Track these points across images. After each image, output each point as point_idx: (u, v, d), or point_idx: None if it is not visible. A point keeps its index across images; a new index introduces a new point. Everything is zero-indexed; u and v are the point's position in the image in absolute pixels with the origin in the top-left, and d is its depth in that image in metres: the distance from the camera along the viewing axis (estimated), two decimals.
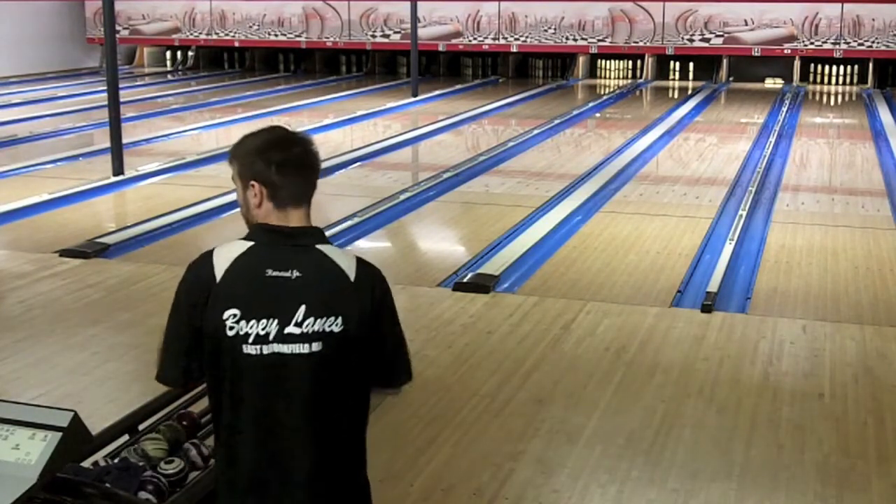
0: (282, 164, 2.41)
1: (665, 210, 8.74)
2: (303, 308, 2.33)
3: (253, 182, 2.40)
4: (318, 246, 2.42)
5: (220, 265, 2.36)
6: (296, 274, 2.35)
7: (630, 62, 20.82)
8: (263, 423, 2.38)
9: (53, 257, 7.18)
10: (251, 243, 2.39)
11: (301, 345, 2.33)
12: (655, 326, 5.73)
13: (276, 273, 2.34)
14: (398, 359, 2.54)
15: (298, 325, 2.33)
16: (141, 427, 3.67)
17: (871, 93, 18.11)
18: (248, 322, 2.33)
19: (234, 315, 2.33)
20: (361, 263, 2.45)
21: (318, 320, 2.34)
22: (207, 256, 2.39)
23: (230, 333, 2.33)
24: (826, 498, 3.82)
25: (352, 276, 2.40)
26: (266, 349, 2.33)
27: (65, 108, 15.63)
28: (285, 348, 2.33)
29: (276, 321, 2.33)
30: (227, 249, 2.38)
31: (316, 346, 2.34)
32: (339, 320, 2.35)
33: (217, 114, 14.99)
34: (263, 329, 2.33)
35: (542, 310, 6.01)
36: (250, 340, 2.33)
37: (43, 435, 2.39)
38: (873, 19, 18.83)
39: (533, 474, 3.98)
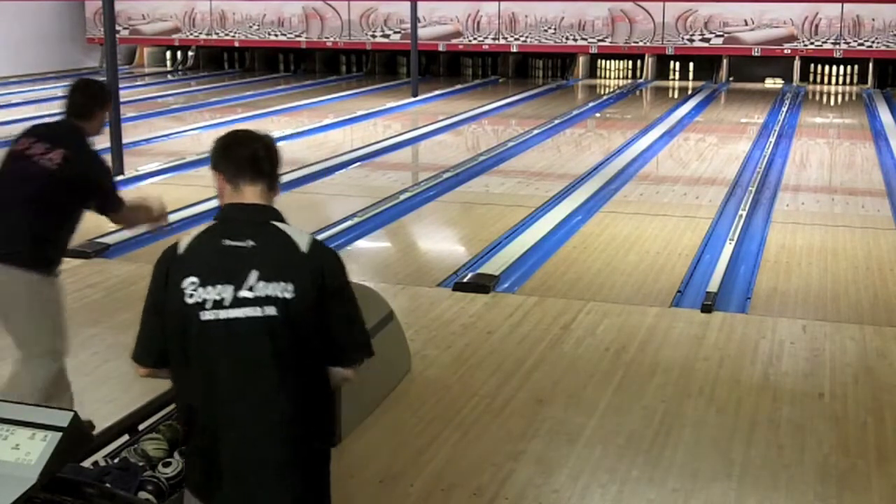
0: (229, 147, 2.62)
1: (665, 210, 8.74)
2: (255, 273, 2.47)
3: (213, 170, 2.62)
4: (275, 222, 2.57)
5: (184, 242, 2.56)
6: (251, 243, 2.50)
7: (630, 62, 20.82)
8: (223, 389, 2.48)
9: None
10: (215, 222, 2.59)
11: (254, 308, 2.45)
12: (655, 326, 5.73)
13: (232, 243, 2.50)
14: (350, 337, 2.60)
15: (251, 289, 2.46)
16: (141, 427, 3.67)
17: (871, 93, 18.11)
18: (205, 288, 2.47)
19: (193, 283, 2.48)
20: (315, 241, 2.58)
21: (270, 284, 2.46)
22: (176, 240, 2.60)
23: (189, 301, 2.47)
24: (826, 498, 3.82)
25: (304, 249, 2.52)
26: (223, 314, 2.46)
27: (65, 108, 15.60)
28: (240, 312, 2.46)
29: (230, 287, 2.46)
30: (195, 230, 2.59)
31: (269, 311, 2.46)
32: (291, 287, 2.47)
33: (217, 114, 14.99)
34: (219, 295, 2.46)
35: (542, 310, 6.01)
36: (207, 307, 2.46)
37: (43, 435, 2.39)
38: (873, 19, 18.83)
39: (533, 474, 3.98)
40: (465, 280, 6.53)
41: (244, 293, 2.46)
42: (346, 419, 4.25)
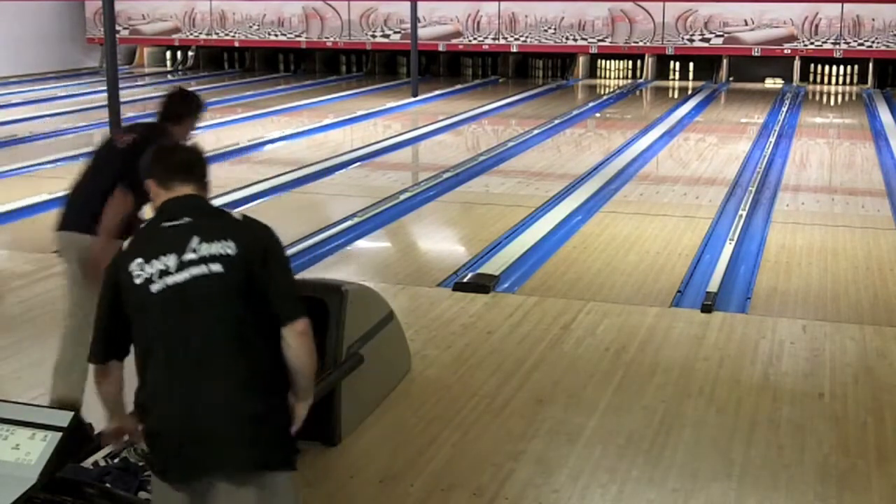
0: (159, 154, 2.84)
1: (665, 210, 8.74)
2: (196, 238, 2.66)
3: (147, 179, 2.83)
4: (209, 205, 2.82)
5: (127, 240, 2.77)
6: (187, 219, 2.70)
7: (630, 62, 20.82)
8: (180, 357, 2.61)
9: (53, 257, 7.14)
10: (153, 216, 2.82)
11: (200, 267, 2.62)
12: (655, 326, 5.73)
13: (170, 223, 2.70)
14: (286, 298, 2.73)
15: (194, 251, 2.64)
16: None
17: (871, 93, 18.11)
18: (150, 264, 2.64)
19: (139, 263, 2.66)
20: (247, 215, 2.83)
21: (213, 244, 2.65)
22: None
23: (138, 282, 2.64)
24: (826, 498, 3.82)
25: (239, 218, 2.77)
26: (170, 280, 2.62)
27: (65, 108, 15.63)
28: (186, 274, 2.62)
29: (174, 255, 2.64)
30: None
31: (215, 267, 2.62)
32: (233, 244, 2.66)
33: (217, 114, 14.98)
34: (164, 265, 2.63)
35: (542, 310, 6.01)
36: (155, 279, 2.63)
37: (43, 435, 2.40)
38: (873, 19, 18.83)
39: (533, 474, 3.98)
40: (465, 280, 6.53)
41: (188, 256, 2.63)
42: (346, 419, 4.25)
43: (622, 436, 4.32)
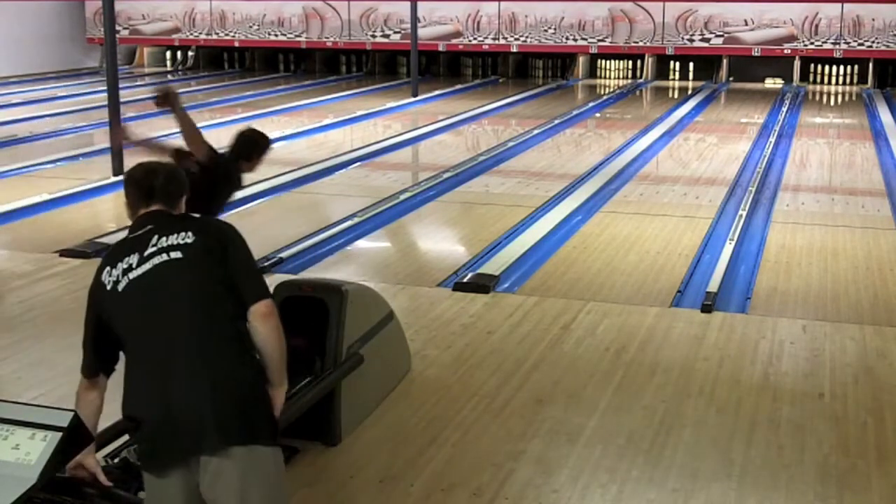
0: (127, 181, 3.02)
1: (665, 210, 8.74)
2: (156, 236, 2.83)
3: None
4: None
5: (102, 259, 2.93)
6: (150, 227, 2.88)
7: (630, 62, 20.82)
8: (153, 342, 2.71)
9: (53, 257, 7.18)
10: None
11: (160, 255, 2.78)
12: (655, 326, 5.73)
13: (134, 234, 2.89)
14: (247, 281, 2.83)
15: (154, 245, 2.80)
16: None
17: (871, 93, 18.11)
18: (115, 267, 2.81)
19: (107, 271, 2.83)
20: (211, 217, 3.09)
21: (171, 236, 2.81)
22: None
23: (109, 287, 2.79)
24: (826, 498, 3.82)
25: (197, 216, 2.96)
26: (133, 275, 2.77)
27: (65, 108, 15.63)
28: (148, 265, 2.77)
29: (136, 254, 2.81)
30: None
31: (175, 254, 2.77)
32: (190, 233, 2.81)
33: (217, 114, 14.99)
34: (127, 264, 2.80)
35: (542, 310, 6.01)
36: (121, 278, 2.78)
37: (43, 435, 2.40)
38: (873, 19, 18.83)
39: (533, 474, 3.98)
40: (465, 280, 6.53)
41: (149, 250, 2.79)
42: (346, 419, 4.25)
43: (622, 436, 4.32)
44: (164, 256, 2.77)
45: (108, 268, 2.83)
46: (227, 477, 2.64)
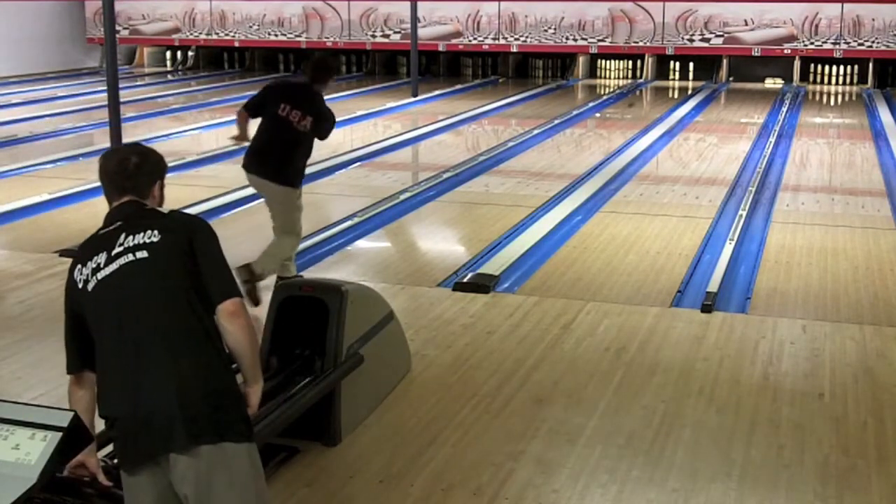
0: (101, 171, 2.99)
1: (665, 210, 8.74)
2: (124, 234, 2.82)
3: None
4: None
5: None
6: (119, 223, 2.86)
7: (630, 62, 20.82)
8: (121, 343, 2.71)
9: (53, 257, 7.18)
10: None
11: (126, 256, 2.77)
12: (655, 326, 5.73)
13: (104, 230, 2.88)
14: (214, 280, 2.82)
15: (121, 244, 2.80)
16: None
17: (871, 93, 18.11)
18: (85, 265, 2.81)
19: (78, 268, 2.83)
20: (181, 211, 2.99)
21: (138, 235, 2.80)
22: None
23: (80, 286, 2.80)
24: (826, 498, 3.82)
25: (166, 213, 2.91)
26: (101, 274, 2.77)
27: (65, 108, 15.63)
28: (115, 265, 2.77)
29: (104, 253, 2.80)
30: None
31: (141, 254, 2.77)
32: (157, 232, 2.80)
33: (217, 114, 14.99)
34: (95, 263, 2.80)
35: (542, 310, 6.01)
36: (90, 278, 2.78)
37: (43, 435, 2.40)
38: (873, 19, 18.83)
39: (533, 474, 3.98)
40: (465, 280, 6.53)
41: (116, 250, 2.79)
42: (346, 419, 4.25)
43: (622, 436, 4.32)
44: (131, 256, 2.76)
45: (79, 266, 2.83)
46: (195, 474, 2.65)
